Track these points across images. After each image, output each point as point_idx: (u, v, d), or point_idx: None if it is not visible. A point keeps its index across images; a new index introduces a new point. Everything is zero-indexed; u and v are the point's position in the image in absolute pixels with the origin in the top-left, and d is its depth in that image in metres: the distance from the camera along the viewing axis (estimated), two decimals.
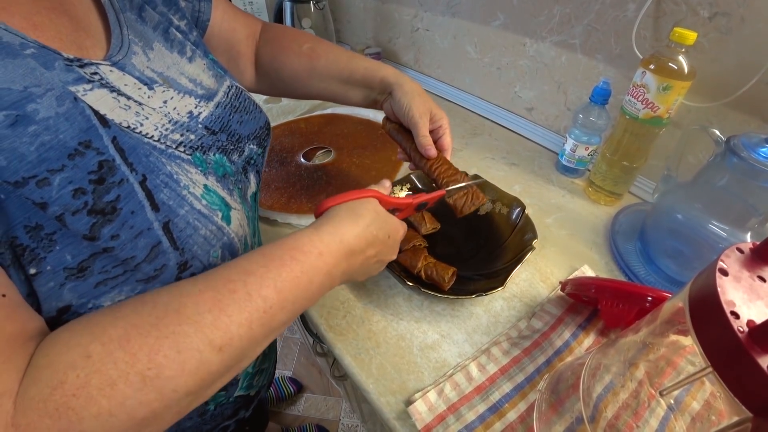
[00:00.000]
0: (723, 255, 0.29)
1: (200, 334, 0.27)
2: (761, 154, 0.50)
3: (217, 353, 0.28)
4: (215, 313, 0.28)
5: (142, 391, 0.25)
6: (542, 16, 0.83)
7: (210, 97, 0.44)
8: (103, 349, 0.25)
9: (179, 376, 0.26)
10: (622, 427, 0.43)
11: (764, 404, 0.23)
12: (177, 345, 0.26)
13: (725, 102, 0.63)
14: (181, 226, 0.33)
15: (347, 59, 0.61)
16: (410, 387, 0.48)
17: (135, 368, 0.25)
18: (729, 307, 0.25)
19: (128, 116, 0.33)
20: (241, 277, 0.31)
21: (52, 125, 0.27)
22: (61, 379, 0.24)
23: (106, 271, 0.30)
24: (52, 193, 0.26)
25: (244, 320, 0.29)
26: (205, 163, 0.38)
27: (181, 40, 0.45)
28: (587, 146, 0.77)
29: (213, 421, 0.51)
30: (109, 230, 0.29)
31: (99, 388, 0.24)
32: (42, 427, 0.23)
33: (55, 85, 0.28)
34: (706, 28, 0.62)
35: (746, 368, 0.23)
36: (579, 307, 0.57)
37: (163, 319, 0.27)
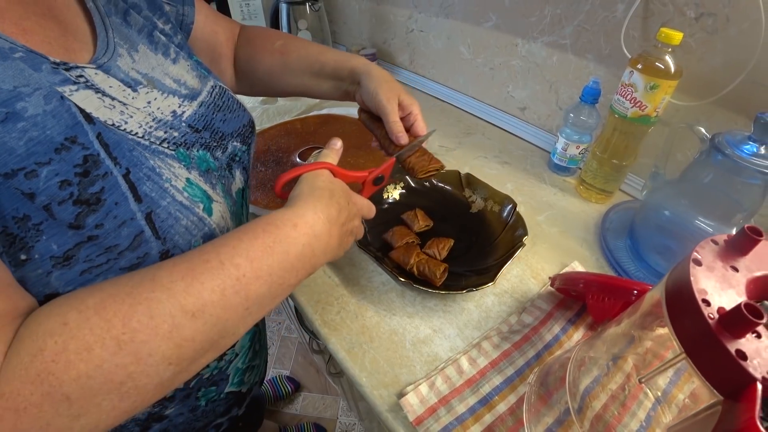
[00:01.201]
0: (698, 246, 0.30)
1: (173, 299, 0.28)
2: (744, 151, 0.51)
3: (190, 318, 0.29)
4: (188, 280, 0.29)
5: (117, 355, 0.26)
6: (533, 17, 0.85)
7: (194, 96, 0.45)
8: (80, 316, 0.26)
9: (152, 340, 0.27)
10: (609, 419, 0.44)
11: (733, 387, 0.24)
12: (150, 310, 0.28)
13: (712, 100, 0.64)
14: (163, 216, 0.34)
15: (317, 53, 0.61)
16: (402, 380, 0.49)
17: (110, 333, 0.26)
18: (701, 295, 0.26)
19: (113, 115, 0.34)
20: (215, 249, 0.32)
21: (40, 122, 0.29)
22: (41, 346, 0.25)
23: (91, 260, 0.31)
24: (39, 184, 0.28)
25: (216, 287, 0.30)
26: (189, 158, 0.40)
27: (165, 42, 0.46)
28: (578, 145, 0.78)
29: (205, 418, 0.52)
30: (93, 219, 0.30)
31: (76, 353, 0.25)
32: (25, 393, 0.24)
33: (43, 84, 0.30)
34: (693, 28, 0.64)
35: (716, 353, 0.24)
36: (569, 303, 0.58)
37: (138, 287, 0.28)
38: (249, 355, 0.57)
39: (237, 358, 0.53)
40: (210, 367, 0.48)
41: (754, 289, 0.28)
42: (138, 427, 0.45)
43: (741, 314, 0.23)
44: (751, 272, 0.29)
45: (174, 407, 0.47)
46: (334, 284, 0.61)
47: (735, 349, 0.24)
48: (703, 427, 0.25)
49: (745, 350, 0.24)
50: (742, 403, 0.23)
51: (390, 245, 0.63)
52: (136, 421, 0.45)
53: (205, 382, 0.49)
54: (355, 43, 1.40)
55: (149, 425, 0.46)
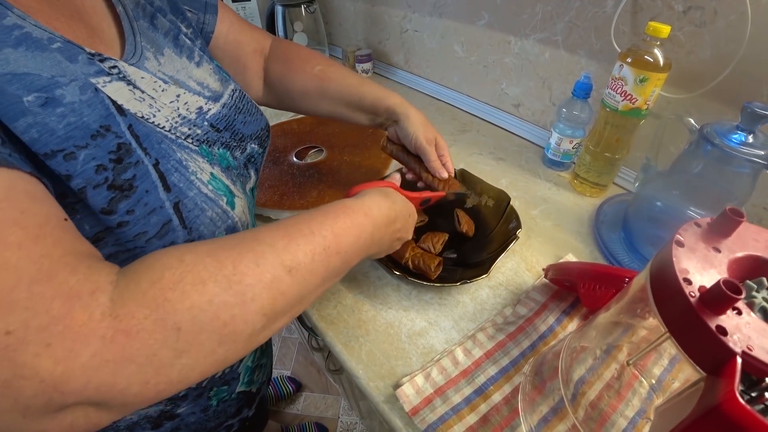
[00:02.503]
0: (681, 229, 0.30)
1: (275, 254, 0.31)
2: (733, 141, 0.52)
3: (287, 274, 0.31)
4: (286, 241, 0.32)
5: (227, 292, 0.28)
6: (525, 14, 0.85)
7: (216, 98, 0.47)
8: (195, 257, 0.28)
9: (257, 285, 0.29)
10: (604, 407, 0.45)
11: (715, 363, 0.25)
12: (256, 259, 0.30)
13: (702, 92, 0.65)
14: (190, 206, 0.36)
15: (357, 85, 0.63)
16: (398, 372, 0.50)
17: (222, 272, 0.28)
18: (682, 275, 0.27)
19: (142, 107, 0.36)
20: (305, 221, 0.35)
21: (77, 109, 0.30)
22: (159, 276, 0.26)
23: (119, 244, 0.33)
24: (77, 167, 0.30)
25: (308, 251, 0.33)
26: (211, 155, 0.41)
27: (189, 46, 0.47)
28: (571, 139, 0.79)
29: (216, 418, 0.52)
30: (125, 205, 0.32)
31: (192, 284, 0.26)
32: (140, 316, 0.24)
33: (78, 76, 0.31)
34: (681, 21, 0.64)
35: (698, 330, 0.25)
36: (563, 294, 0.58)
37: (243, 241, 0.31)
38: (257, 353, 0.58)
39: (247, 357, 0.54)
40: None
41: (736, 268, 0.29)
42: (150, 425, 0.46)
43: (720, 291, 0.24)
44: (733, 253, 0.29)
45: (186, 406, 0.47)
46: None
47: (715, 326, 0.24)
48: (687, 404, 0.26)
49: (726, 326, 0.24)
50: (723, 377, 0.24)
51: None
52: (147, 418, 0.45)
53: (217, 381, 0.49)
54: (350, 44, 1.41)
55: (161, 423, 0.46)
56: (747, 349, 0.23)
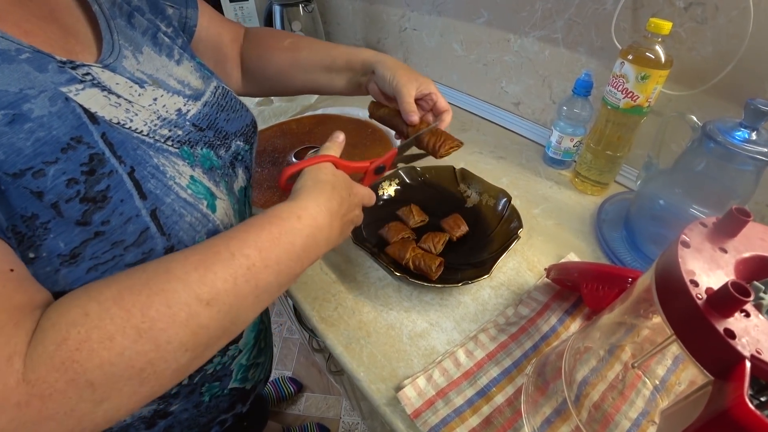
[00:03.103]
0: (686, 229, 0.30)
1: (188, 289, 0.29)
2: (736, 138, 0.51)
3: (205, 307, 0.30)
4: (201, 271, 0.30)
5: (138, 343, 0.27)
6: (525, 12, 0.85)
7: (197, 96, 0.46)
8: (100, 307, 0.27)
9: (171, 328, 0.28)
10: (608, 408, 0.44)
11: (722, 366, 0.24)
12: (167, 300, 0.28)
13: (704, 89, 0.65)
14: (168, 213, 0.35)
15: (327, 47, 0.63)
16: (400, 374, 0.50)
17: (130, 323, 0.27)
18: (689, 276, 0.26)
19: (118, 113, 0.35)
20: (223, 242, 0.33)
21: (46, 122, 0.29)
22: (64, 336, 0.26)
23: (97, 257, 0.32)
24: (47, 183, 0.29)
25: (228, 276, 0.31)
26: (193, 156, 0.40)
27: (168, 44, 0.47)
28: (572, 138, 0.78)
29: (209, 414, 0.52)
30: (100, 216, 0.31)
31: (99, 341, 0.26)
32: (50, 380, 0.24)
33: (48, 87, 0.30)
34: (683, 18, 0.64)
35: (705, 333, 0.25)
36: (565, 294, 0.58)
37: (153, 278, 0.29)
38: (253, 352, 0.57)
39: (241, 355, 0.54)
40: (213, 363, 0.49)
41: (743, 269, 0.28)
42: (144, 425, 0.46)
43: (728, 293, 0.23)
44: (740, 253, 0.29)
45: (178, 403, 0.47)
46: (331, 281, 0.61)
47: (723, 328, 0.24)
48: (694, 408, 0.25)
49: (734, 329, 0.24)
50: (731, 381, 0.23)
51: (386, 241, 0.63)
52: (141, 418, 0.45)
53: (208, 378, 0.49)
54: (349, 43, 1.41)
55: (155, 422, 0.46)
56: (756, 352, 0.23)
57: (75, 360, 0.25)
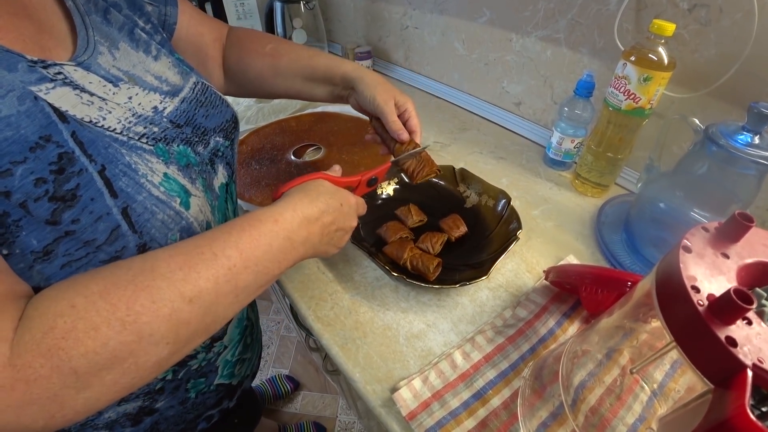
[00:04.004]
0: (688, 234, 0.29)
1: (172, 287, 0.31)
2: (738, 141, 0.51)
3: (188, 304, 0.31)
4: (185, 270, 0.32)
5: (122, 334, 0.28)
6: (527, 11, 0.84)
7: (175, 93, 0.45)
8: (86, 300, 0.28)
9: (154, 321, 0.29)
10: (605, 413, 0.44)
11: (723, 375, 0.24)
12: (152, 296, 0.30)
13: (707, 92, 0.64)
14: (139, 211, 0.35)
15: (308, 57, 0.63)
16: (396, 375, 0.49)
17: (115, 315, 0.28)
18: (690, 282, 0.26)
19: (90, 111, 0.35)
20: (207, 242, 0.34)
21: (14, 122, 0.29)
22: (51, 325, 0.27)
23: (70, 254, 0.32)
24: (14, 183, 0.29)
25: (211, 276, 0.33)
26: (168, 153, 0.40)
27: (146, 39, 0.46)
28: (573, 139, 0.78)
29: (195, 410, 0.52)
30: (69, 215, 0.31)
31: (84, 331, 0.27)
32: (36, 366, 0.26)
33: (16, 86, 0.30)
34: (686, 19, 0.63)
35: (706, 340, 0.24)
36: (564, 296, 0.57)
37: (138, 275, 0.30)
38: (239, 348, 0.57)
39: (226, 351, 0.53)
40: (198, 359, 0.49)
41: (746, 275, 0.28)
42: (129, 422, 0.45)
43: (730, 300, 0.23)
44: (742, 259, 0.28)
45: (164, 400, 0.47)
46: (328, 280, 0.60)
47: (725, 336, 0.23)
48: (694, 416, 0.25)
49: (735, 337, 0.23)
50: (732, 390, 0.23)
51: (384, 240, 0.63)
52: (126, 415, 0.45)
53: (193, 374, 0.49)
54: (350, 41, 1.40)
55: (140, 419, 0.46)
56: (758, 361, 0.22)
57: (61, 347, 0.26)
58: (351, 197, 0.49)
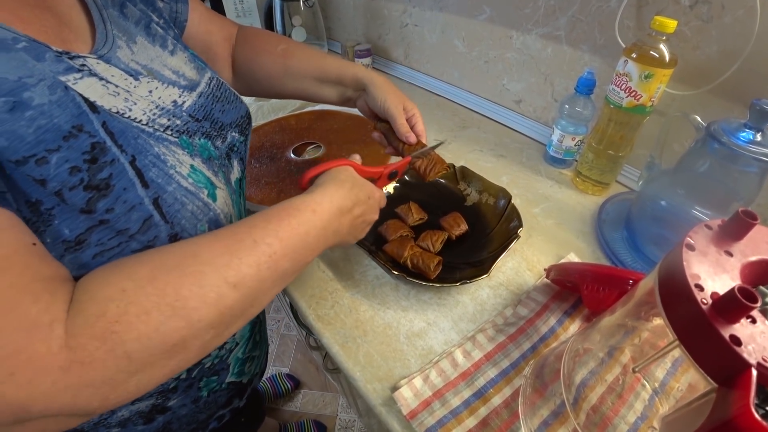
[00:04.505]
0: (691, 232, 0.29)
1: (217, 273, 0.31)
2: (741, 139, 0.51)
3: (232, 289, 0.32)
4: (228, 256, 0.32)
5: (172, 319, 0.29)
6: (527, 9, 0.84)
7: (192, 87, 0.46)
8: (135, 285, 0.29)
9: (202, 307, 0.30)
10: (606, 411, 0.44)
11: (727, 374, 0.23)
12: (198, 281, 0.30)
13: (708, 89, 0.64)
14: (170, 201, 0.36)
15: (319, 58, 0.64)
16: (396, 374, 0.49)
17: (165, 300, 0.29)
18: (693, 280, 0.26)
19: (117, 102, 0.35)
20: (246, 230, 0.35)
21: (47, 111, 0.29)
22: (104, 309, 0.27)
23: (102, 243, 0.33)
24: (50, 171, 0.29)
25: (253, 262, 0.33)
26: (191, 146, 0.40)
27: (162, 34, 0.47)
28: (574, 136, 0.77)
29: (207, 409, 0.52)
30: (104, 204, 0.32)
31: (136, 316, 0.27)
32: (91, 349, 0.26)
33: (47, 75, 0.30)
34: (688, 16, 0.63)
35: (710, 339, 0.24)
36: (565, 294, 0.57)
37: (183, 261, 0.31)
38: (249, 345, 0.57)
39: (237, 348, 0.54)
40: (211, 356, 0.49)
41: (749, 273, 0.28)
42: (142, 420, 0.46)
43: (735, 298, 0.23)
44: (746, 257, 0.28)
45: (177, 398, 0.47)
46: (328, 278, 0.60)
47: (729, 335, 0.23)
48: (697, 415, 0.25)
49: (740, 335, 0.23)
50: (736, 390, 0.22)
51: (384, 239, 0.63)
52: (139, 413, 0.45)
53: (206, 372, 0.49)
54: (349, 38, 1.40)
55: (153, 417, 0.46)
56: (762, 360, 0.22)
57: (114, 331, 0.26)
58: (376, 191, 0.50)
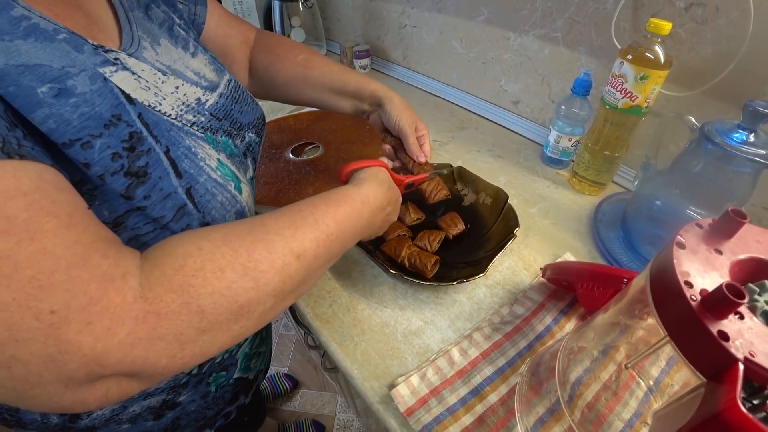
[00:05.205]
0: (682, 230, 0.30)
1: (283, 242, 0.33)
2: (734, 139, 0.51)
3: (296, 259, 0.34)
4: (292, 230, 0.35)
5: (244, 278, 0.30)
6: (525, 10, 0.84)
7: (213, 88, 0.47)
8: (211, 244, 0.30)
9: (269, 271, 0.32)
10: (601, 408, 0.44)
11: (716, 369, 0.24)
12: (267, 247, 0.32)
13: (703, 90, 0.64)
14: (201, 191, 0.37)
15: (340, 72, 0.65)
16: (394, 372, 0.49)
17: (238, 260, 0.30)
18: (683, 278, 0.26)
19: (149, 96, 0.36)
20: (309, 209, 0.38)
21: (89, 99, 0.31)
22: (181, 263, 0.28)
23: (138, 228, 0.34)
24: (94, 155, 0.31)
25: (313, 238, 0.36)
26: (216, 142, 0.42)
27: (184, 36, 0.48)
28: (570, 137, 0.78)
29: (215, 405, 0.53)
30: (142, 191, 0.33)
31: (212, 272, 0.29)
32: (167, 300, 0.27)
33: (87, 66, 0.32)
34: (683, 18, 0.63)
35: (699, 335, 0.24)
36: (561, 294, 0.58)
37: (253, 229, 0.33)
38: (256, 341, 0.59)
39: (245, 343, 0.55)
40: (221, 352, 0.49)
41: (739, 271, 0.28)
42: (152, 415, 0.46)
43: (723, 295, 0.23)
44: (735, 255, 0.28)
45: (187, 394, 0.48)
46: (326, 277, 0.61)
47: (717, 330, 0.24)
48: (687, 410, 0.25)
49: (728, 331, 0.23)
50: (724, 384, 0.23)
51: (381, 238, 0.63)
52: (150, 409, 0.46)
53: (216, 367, 0.50)
54: (348, 39, 1.40)
55: (163, 413, 0.47)
56: (749, 355, 0.22)
57: (191, 285, 0.28)
58: (399, 195, 0.53)
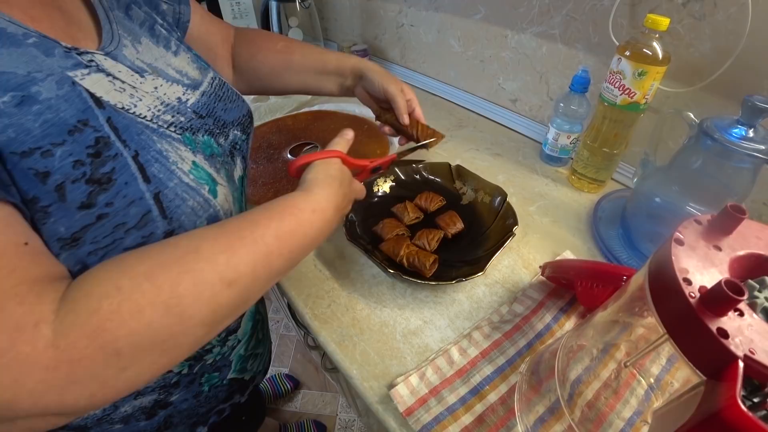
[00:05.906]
0: (680, 226, 0.29)
1: (215, 271, 0.31)
2: (733, 135, 0.51)
3: (227, 287, 0.32)
4: (228, 254, 0.33)
5: (165, 316, 0.29)
6: (522, 8, 0.84)
7: (196, 86, 0.47)
8: (132, 282, 0.29)
9: (196, 304, 0.30)
10: (602, 407, 0.44)
11: (715, 367, 0.24)
12: (194, 279, 0.30)
13: (701, 86, 0.64)
14: (171, 196, 0.36)
15: (319, 52, 0.67)
16: (393, 372, 0.49)
17: (159, 298, 0.29)
18: (682, 274, 0.26)
19: (123, 98, 0.36)
20: (249, 227, 0.35)
21: (54, 105, 0.30)
22: (95, 306, 0.27)
23: (97, 241, 0.33)
24: (54, 163, 0.30)
25: (249, 261, 0.33)
26: (194, 143, 0.41)
27: (165, 36, 0.48)
28: (569, 135, 0.78)
29: (208, 404, 0.53)
30: (104, 198, 0.32)
31: (129, 313, 0.27)
32: (80, 346, 0.26)
33: (55, 70, 0.31)
34: (680, 14, 0.63)
35: (698, 332, 0.24)
36: (560, 292, 0.57)
37: (184, 257, 0.31)
38: (252, 342, 0.58)
39: (239, 345, 0.54)
40: (213, 353, 0.49)
41: (738, 267, 0.28)
42: (144, 415, 0.46)
43: (722, 292, 0.23)
44: (735, 251, 0.28)
45: (178, 393, 0.48)
46: (325, 277, 0.60)
47: (716, 328, 0.23)
48: (687, 408, 0.25)
49: (727, 328, 0.23)
50: (724, 382, 0.23)
51: (380, 238, 0.63)
52: (142, 409, 0.45)
53: (208, 368, 0.50)
54: (346, 39, 1.40)
55: (155, 412, 0.47)
56: (749, 352, 0.22)
57: (106, 329, 0.26)
58: (356, 183, 0.51)
